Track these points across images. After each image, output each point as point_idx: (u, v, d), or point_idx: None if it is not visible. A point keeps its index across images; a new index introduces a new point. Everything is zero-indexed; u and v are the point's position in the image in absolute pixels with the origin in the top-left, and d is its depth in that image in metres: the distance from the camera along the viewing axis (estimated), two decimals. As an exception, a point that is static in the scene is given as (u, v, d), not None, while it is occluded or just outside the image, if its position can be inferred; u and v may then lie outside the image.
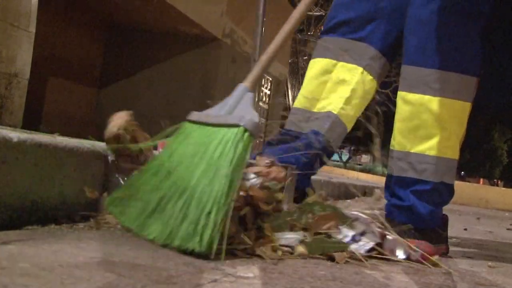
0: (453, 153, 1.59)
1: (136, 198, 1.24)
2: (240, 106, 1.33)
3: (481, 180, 32.34)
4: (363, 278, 1.10)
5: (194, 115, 1.34)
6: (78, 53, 4.07)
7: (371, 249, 1.32)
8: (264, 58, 1.44)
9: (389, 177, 1.61)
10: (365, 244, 1.30)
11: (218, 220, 1.07)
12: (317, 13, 13.65)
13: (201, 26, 3.93)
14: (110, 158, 1.41)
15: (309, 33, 13.91)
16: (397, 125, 1.59)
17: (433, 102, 1.54)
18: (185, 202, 1.13)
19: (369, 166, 18.59)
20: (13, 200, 1.08)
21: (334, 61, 1.68)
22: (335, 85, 1.67)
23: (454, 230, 2.81)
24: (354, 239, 1.30)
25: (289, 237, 1.26)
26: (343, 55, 1.66)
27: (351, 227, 1.32)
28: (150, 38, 4.26)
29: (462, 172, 34.58)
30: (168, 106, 4.10)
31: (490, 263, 1.58)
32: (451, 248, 1.90)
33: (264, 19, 1.82)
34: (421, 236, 1.52)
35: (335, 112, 1.65)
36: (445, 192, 1.61)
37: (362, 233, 1.32)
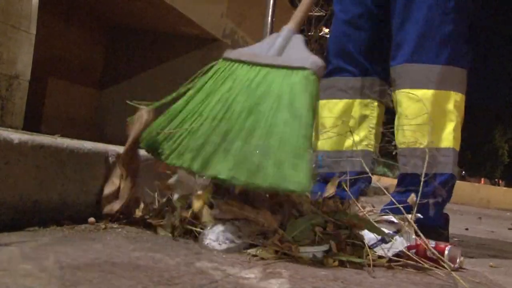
0: (458, 144, 1.64)
1: (187, 139, 1.21)
2: (291, 47, 1.30)
3: (482, 180, 32.29)
4: (364, 278, 1.10)
5: (235, 53, 1.31)
6: (79, 55, 4.07)
7: (400, 253, 1.27)
8: (304, 1, 1.45)
9: (403, 176, 1.62)
10: (392, 246, 1.27)
11: (309, 164, 1.09)
12: (317, 14, 13.62)
13: (201, 27, 3.93)
14: (111, 159, 1.41)
15: (309, 33, 13.89)
16: (404, 122, 1.61)
17: (439, 96, 1.59)
18: (263, 142, 1.13)
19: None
20: (15, 202, 1.08)
21: (351, 100, 1.79)
22: (358, 122, 1.78)
23: (455, 229, 2.81)
24: (383, 241, 1.27)
25: (315, 250, 1.19)
26: (357, 93, 1.78)
27: (376, 230, 1.27)
28: (151, 39, 4.26)
29: (463, 172, 34.53)
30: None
31: (491, 263, 1.58)
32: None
33: (274, 19, 1.82)
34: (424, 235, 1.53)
35: (370, 149, 1.79)
36: (452, 187, 1.64)
37: (392, 235, 1.28)
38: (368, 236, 1.28)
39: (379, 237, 1.27)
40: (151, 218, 1.31)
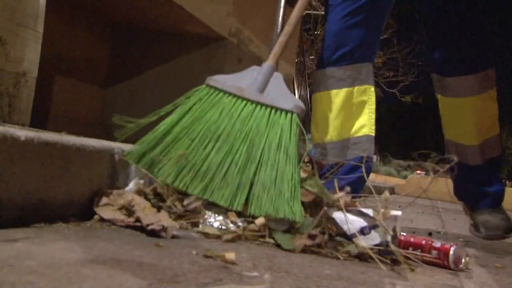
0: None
1: (175, 158, 1.30)
2: (273, 85, 1.40)
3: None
4: (368, 277, 1.10)
5: (220, 83, 1.38)
6: (85, 53, 4.08)
7: (380, 245, 1.29)
8: (282, 39, 1.53)
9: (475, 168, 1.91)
10: (374, 238, 1.29)
11: (298, 197, 1.23)
12: (323, 13, 13.61)
13: (207, 25, 3.92)
14: (117, 157, 1.41)
15: (316, 32, 13.89)
16: (471, 127, 1.87)
17: (475, 100, 1.84)
18: (259, 176, 1.26)
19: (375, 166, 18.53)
20: (21, 199, 1.09)
21: (351, 88, 1.85)
22: (357, 108, 1.85)
23: (462, 229, 2.79)
24: (362, 232, 1.28)
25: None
26: (355, 80, 1.85)
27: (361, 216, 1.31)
28: (156, 38, 4.26)
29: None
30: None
31: (497, 264, 1.57)
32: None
33: (285, 17, 1.84)
34: None
35: (372, 134, 1.86)
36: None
37: (373, 227, 1.30)
38: (339, 216, 1.30)
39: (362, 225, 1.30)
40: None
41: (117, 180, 1.42)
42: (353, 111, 1.85)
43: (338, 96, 1.84)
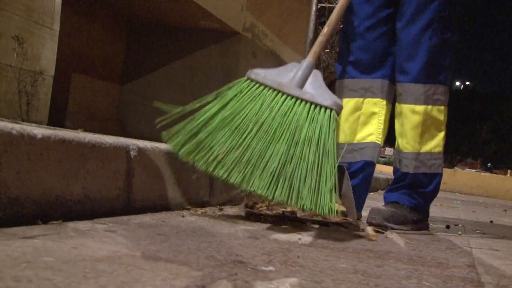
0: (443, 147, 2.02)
1: (216, 146, 1.37)
2: (312, 82, 1.44)
3: (509, 171, 31.76)
4: (384, 271, 1.09)
5: (261, 76, 1.42)
6: (100, 50, 4.11)
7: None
8: (321, 38, 1.59)
9: (405, 174, 1.99)
10: None
11: (333, 195, 1.31)
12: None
13: (221, 21, 3.92)
14: (132, 153, 1.42)
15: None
16: (410, 132, 1.96)
17: (439, 111, 1.96)
18: (295, 169, 1.31)
19: (392, 158, 18.39)
20: (38, 196, 1.10)
21: (361, 99, 2.02)
22: (367, 118, 2.03)
23: (480, 222, 2.76)
24: None
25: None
26: (366, 92, 2.02)
27: None
28: (171, 33, 4.28)
29: (489, 164, 33.98)
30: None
31: (516, 256, 1.55)
32: (477, 240, 1.88)
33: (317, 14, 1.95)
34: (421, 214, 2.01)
35: (379, 142, 2.02)
36: (439, 184, 2.04)
37: None
38: None
39: None
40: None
41: (133, 177, 1.43)
42: (362, 120, 2.03)
43: (348, 104, 2.02)
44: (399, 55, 1.98)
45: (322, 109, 1.40)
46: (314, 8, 1.96)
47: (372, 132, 2.02)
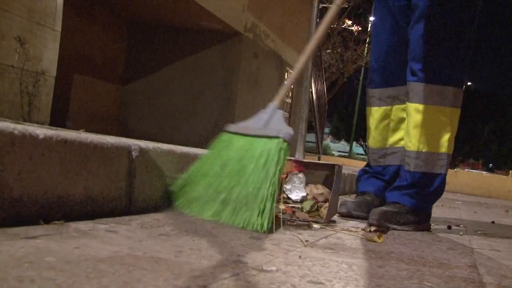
0: (452, 149, 2.04)
1: (194, 192, 1.58)
2: (273, 121, 1.65)
3: (510, 172, 31.71)
4: (385, 271, 1.09)
5: (233, 127, 1.67)
6: (102, 51, 4.11)
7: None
8: (288, 82, 1.81)
9: (406, 173, 2.03)
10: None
11: (272, 210, 1.42)
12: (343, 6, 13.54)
13: (223, 21, 3.92)
14: (134, 153, 1.42)
15: (331, 26, 13.81)
16: (412, 131, 2.00)
17: (441, 111, 1.99)
18: (239, 194, 1.48)
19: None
20: (40, 196, 1.11)
21: (389, 107, 2.19)
22: (397, 124, 2.18)
23: (481, 223, 2.76)
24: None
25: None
26: (394, 100, 2.17)
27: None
28: (173, 34, 4.28)
29: (491, 164, 33.92)
30: (191, 102, 4.12)
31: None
32: (478, 241, 1.88)
33: (318, 20, 2.06)
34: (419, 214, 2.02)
35: (407, 149, 2.08)
36: (444, 184, 2.06)
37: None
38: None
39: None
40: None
41: (134, 177, 1.44)
42: (392, 126, 2.18)
43: (377, 113, 2.20)
44: (409, 55, 2.03)
45: (273, 139, 1.56)
46: (315, 9, 1.98)
47: (402, 137, 2.15)
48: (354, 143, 29.42)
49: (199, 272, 0.87)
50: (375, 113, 2.20)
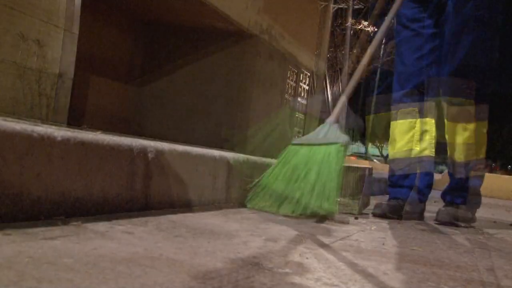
0: (485, 153, 2.39)
1: (269, 193, 1.96)
2: (330, 132, 2.01)
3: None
4: (402, 274, 1.09)
5: (297, 140, 2.08)
6: (118, 53, 4.15)
7: None
8: (343, 98, 2.14)
9: (458, 180, 2.38)
10: None
11: (337, 197, 1.83)
12: (356, 6, 13.50)
13: (238, 23, 3.93)
14: (150, 155, 1.43)
15: (346, 25, 13.76)
16: (461, 146, 2.32)
17: (483, 126, 2.36)
18: (310, 191, 1.83)
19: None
20: (58, 197, 1.12)
21: (414, 120, 2.46)
22: (421, 135, 2.45)
23: (500, 225, 2.73)
24: None
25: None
26: (417, 114, 2.45)
27: None
28: (188, 35, 4.30)
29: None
30: (207, 103, 4.14)
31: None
32: (496, 243, 1.86)
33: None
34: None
35: (432, 155, 2.45)
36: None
37: None
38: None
39: None
40: None
41: (150, 178, 1.45)
42: (416, 137, 2.44)
43: (403, 125, 2.46)
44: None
45: (332, 145, 1.94)
46: (330, 13, 2.15)
47: (426, 147, 2.45)
48: (370, 145, 29.26)
49: (215, 274, 0.88)
50: (401, 126, 2.48)
